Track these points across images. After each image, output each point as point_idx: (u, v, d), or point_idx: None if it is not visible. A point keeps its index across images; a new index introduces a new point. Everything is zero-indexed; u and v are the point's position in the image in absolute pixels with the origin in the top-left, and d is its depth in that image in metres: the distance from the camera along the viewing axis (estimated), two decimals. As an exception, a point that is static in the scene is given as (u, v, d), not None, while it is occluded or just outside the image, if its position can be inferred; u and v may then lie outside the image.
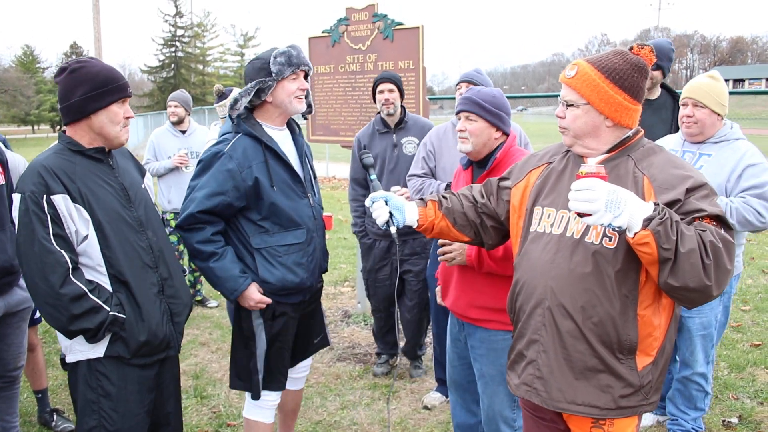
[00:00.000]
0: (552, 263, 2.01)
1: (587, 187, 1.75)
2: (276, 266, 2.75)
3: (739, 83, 60.77)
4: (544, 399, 2.05)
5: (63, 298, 2.20)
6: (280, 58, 2.69)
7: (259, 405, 2.96)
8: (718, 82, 3.19)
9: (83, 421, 2.41)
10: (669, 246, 1.70)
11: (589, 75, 1.96)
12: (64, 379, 4.41)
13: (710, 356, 3.39)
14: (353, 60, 5.38)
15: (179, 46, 53.53)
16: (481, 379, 2.81)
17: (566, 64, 2.09)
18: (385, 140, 4.29)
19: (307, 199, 2.86)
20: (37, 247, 2.19)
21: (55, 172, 2.24)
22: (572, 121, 2.01)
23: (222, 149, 2.70)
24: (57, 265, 2.20)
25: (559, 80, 2.06)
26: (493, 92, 2.76)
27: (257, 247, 2.75)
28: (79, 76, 2.29)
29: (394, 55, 5.12)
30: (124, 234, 2.37)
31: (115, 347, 2.36)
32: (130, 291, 2.36)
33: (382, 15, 5.12)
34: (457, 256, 2.71)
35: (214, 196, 2.66)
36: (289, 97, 2.76)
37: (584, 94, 1.97)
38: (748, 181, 3.05)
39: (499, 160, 2.73)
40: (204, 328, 5.55)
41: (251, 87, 2.69)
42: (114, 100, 2.32)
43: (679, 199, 1.84)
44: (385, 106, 4.19)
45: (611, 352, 1.94)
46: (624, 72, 1.96)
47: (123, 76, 2.40)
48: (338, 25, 5.40)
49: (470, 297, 2.75)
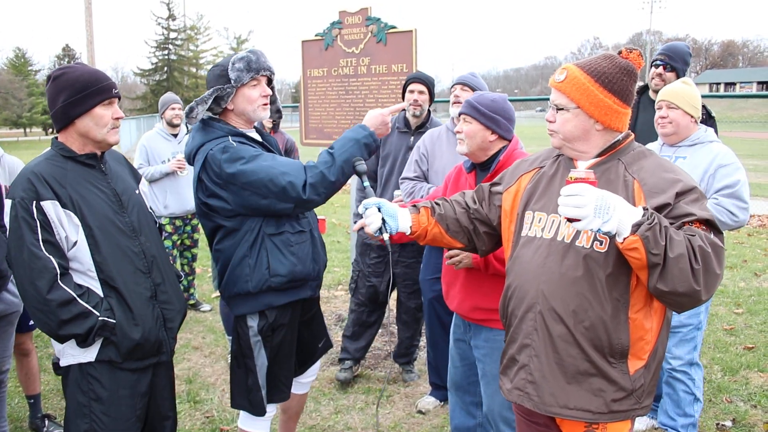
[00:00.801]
0: (543, 267, 2.01)
1: (576, 192, 1.76)
2: (287, 256, 2.65)
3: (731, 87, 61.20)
4: (537, 404, 2.05)
5: (50, 304, 2.20)
6: (239, 64, 2.59)
7: (255, 416, 2.86)
8: (690, 86, 3.33)
9: (75, 424, 2.40)
10: (658, 251, 1.71)
11: (579, 79, 1.97)
12: (56, 384, 4.39)
13: (693, 355, 3.40)
14: (346, 63, 5.37)
15: (172, 49, 53.35)
16: (483, 379, 2.85)
17: (559, 68, 2.10)
18: (402, 140, 4.28)
19: None
20: (25, 252, 2.20)
21: (45, 178, 2.25)
22: (562, 125, 2.02)
23: (228, 142, 2.57)
24: (44, 270, 2.20)
25: (549, 85, 2.07)
26: (494, 97, 2.81)
27: (270, 233, 2.64)
28: (60, 83, 2.30)
29: (388, 59, 5.11)
30: (115, 239, 2.36)
31: (106, 351, 2.36)
32: (121, 296, 2.36)
33: (376, 18, 5.12)
34: (464, 258, 2.75)
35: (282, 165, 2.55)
36: (252, 105, 2.67)
37: (574, 97, 1.97)
38: (721, 181, 3.15)
39: (502, 163, 2.77)
40: (197, 332, 5.53)
41: (208, 95, 2.60)
42: (96, 102, 2.31)
43: (668, 203, 1.84)
44: (412, 106, 4.17)
45: (603, 356, 1.94)
46: (613, 76, 1.96)
47: (107, 78, 2.37)
48: (331, 28, 5.39)
49: (476, 300, 2.79)
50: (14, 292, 3.24)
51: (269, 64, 2.71)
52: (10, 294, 3.19)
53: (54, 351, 2.46)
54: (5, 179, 3.50)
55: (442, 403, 4.06)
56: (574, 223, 1.80)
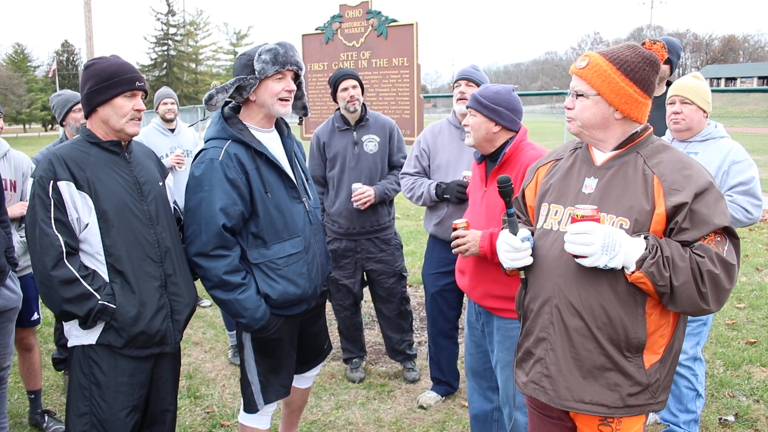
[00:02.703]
0: (559, 260, 2.00)
1: (584, 231, 1.81)
2: (276, 280, 2.61)
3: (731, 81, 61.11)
4: (552, 398, 2.03)
5: (53, 280, 2.28)
6: (265, 56, 2.53)
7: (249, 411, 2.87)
8: (702, 81, 3.30)
9: (75, 405, 2.43)
10: (663, 283, 1.81)
11: (601, 66, 1.95)
12: (57, 380, 4.38)
13: (696, 349, 3.38)
14: (347, 57, 5.35)
15: (171, 45, 53.32)
16: (498, 365, 2.91)
17: (559, 63, 2.10)
18: (346, 138, 4.18)
19: (303, 204, 2.73)
20: (37, 229, 2.30)
21: (66, 160, 2.34)
22: (581, 111, 2.00)
23: (215, 156, 2.52)
24: (51, 247, 2.28)
25: (570, 72, 2.05)
26: (497, 89, 2.85)
27: (255, 262, 2.60)
28: (89, 72, 2.42)
29: (388, 53, 5.09)
30: (129, 225, 2.41)
31: (107, 336, 2.39)
32: (126, 281, 2.39)
33: (376, 12, 5.09)
34: (471, 246, 2.76)
35: (230, 207, 2.49)
36: (272, 98, 2.60)
37: (595, 84, 1.96)
38: (736, 177, 3.13)
39: (509, 155, 2.81)
40: (197, 327, 5.51)
41: (230, 84, 2.56)
42: (118, 93, 2.38)
43: (686, 202, 1.83)
44: (350, 103, 4.07)
45: (619, 350, 1.93)
46: (636, 65, 1.94)
47: (133, 71, 2.45)
48: (332, 22, 5.37)
49: (486, 287, 2.84)
50: (13, 288, 3.22)
51: (297, 59, 2.64)
52: (8, 290, 3.17)
53: (54, 347, 2.46)
54: (11, 173, 3.48)
55: (443, 398, 4.04)
56: (580, 259, 1.85)
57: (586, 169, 2.05)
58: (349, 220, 4.13)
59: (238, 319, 2.60)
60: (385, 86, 5.23)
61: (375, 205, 4.11)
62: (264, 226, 2.59)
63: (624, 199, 1.92)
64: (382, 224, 4.21)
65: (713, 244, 1.83)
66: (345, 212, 4.11)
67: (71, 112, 3.96)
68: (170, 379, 2.63)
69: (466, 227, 2.79)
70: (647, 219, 1.87)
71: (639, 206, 1.89)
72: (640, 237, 1.83)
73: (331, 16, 5.35)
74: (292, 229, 2.66)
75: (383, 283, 4.26)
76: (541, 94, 42.67)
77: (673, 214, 1.85)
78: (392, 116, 5.01)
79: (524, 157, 2.77)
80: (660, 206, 1.86)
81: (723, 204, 1.88)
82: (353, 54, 5.27)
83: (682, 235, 1.85)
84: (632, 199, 1.90)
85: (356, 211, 4.09)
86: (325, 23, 5.40)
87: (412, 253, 7.60)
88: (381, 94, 5.25)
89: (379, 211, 4.17)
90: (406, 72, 5.02)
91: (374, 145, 4.16)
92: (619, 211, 1.91)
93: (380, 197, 4.09)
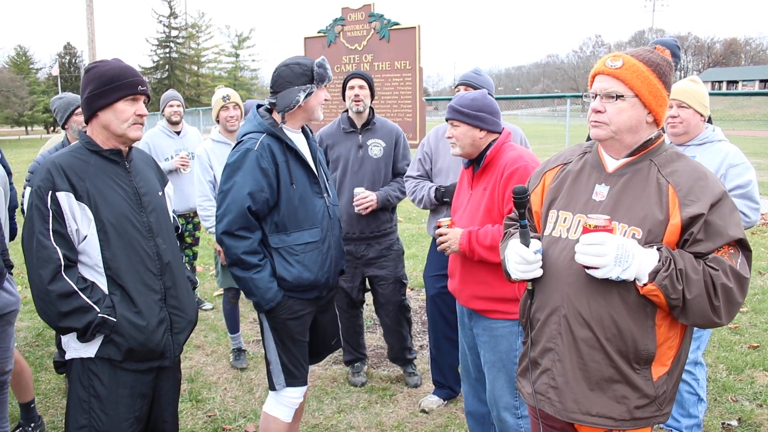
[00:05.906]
0: (569, 270, 1.94)
1: (597, 242, 1.76)
2: (293, 264, 2.80)
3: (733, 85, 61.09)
4: (558, 410, 1.99)
5: (51, 294, 2.21)
6: (319, 70, 2.81)
7: (279, 401, 2.94)
8: (699, 85, 3.30)
9: (74, 418, 2.39)
10: (676, 296, 1.77)
11: (638, 66, 1.87)
12: (57, 383, 4.37)
13: (696, 354, 3.36)
14: (349, 60, 5.35)
15: (173, 47, 53.37)
16: (486, 365, 2.92)
17: (561, 65, 2.06)
18: (351, 140, 4.15)
19: (323, 199, 2.93)
20: (34, 240, 2.23)
21: (65, 169, 2.27)
22: (616, 114, 1.88)
23: (252, 147, 2.74)
24: (49, 261, 2.22)
25: (597, 71, 1.93)
26: (473, 96, 2.89)
27: (275, 246, 2.80)
28: (90, 75, 2.36)
29: (391, 56, 5.09)
30: (128, 237, 2.35)
31: (106, 349, 2.34)
32: (126, 293, 2.34)
33: (379, 15, 5.09)
34: (452, 244, 2.86)
35: (258, 193, 2.71)
36: (319, 105, 2.90)
37: (634, 85, 1.86)
38: (733, 181, 3.11)
39: (491, 157, 2.86)
40: (199, 330, 5.50)
41: (304, 88, 2.79)
42: (119, 97, 2.32)
43: (702, 213, 1.79)
44: (354, 102, 4.05)
45: (628, 362, 1.90)
46: (664, 68, 1.90)
47: (135, 75, 2.38)
48: (334, 25, 5.37)
49: (472, 289, 2.87)
50: (11, 290, 3.20)
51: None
52: (6, 292, 3.14)
53: (55, 350, 2.43)
54: None
55: (445, 402, 4.03)
56: (591, 270, 1.81)
57: (596, 175, 1.99)
58: (349, 224, 4.12)
59: (250, 297, 2.82)
60: (387, 89, 5.23)
61: (376, 210, 4.09)
62: (286, 215, 2.80)
63: (637, 208, 1.86)
64: (383, 230, 4.19)
65: (727, 256, 1.79)
66: (345, 216, 4.09)
67: (74, 115, 3.89)
68: (171, 390, 2.61)
69: (449, 225, 2.91)
70: (660, 229, 1.82)
71: (652, 216, 1.83)
72: (653, 248, 1.79)
73: (334, 19, 5.36)
74: (312, 220, 2.85)
75: (383, 289, 4.24)
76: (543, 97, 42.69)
77: (689, 225, 1.80)
78: (394, 119, 5.01)
79: (505, 158, 2.80)
80: (675, 217, 1.81)
81: (737, 215, 1.84)
82: (355, 57, 5.27)
83: (695, 246, 1.81)
84: (646, 208, 1.85)
85: (357, 216, 4.08)
86: (327, 26, 5.41)
87: (413, 256, 7.60)
88: (383, 97, 5.25)
89: (381, 217, 4.15)
90: (408, 75, 5.02)
91: (379, 150, 4.14)
92: (631, 220, 1.86)
93: (382, 203, 4.07)
